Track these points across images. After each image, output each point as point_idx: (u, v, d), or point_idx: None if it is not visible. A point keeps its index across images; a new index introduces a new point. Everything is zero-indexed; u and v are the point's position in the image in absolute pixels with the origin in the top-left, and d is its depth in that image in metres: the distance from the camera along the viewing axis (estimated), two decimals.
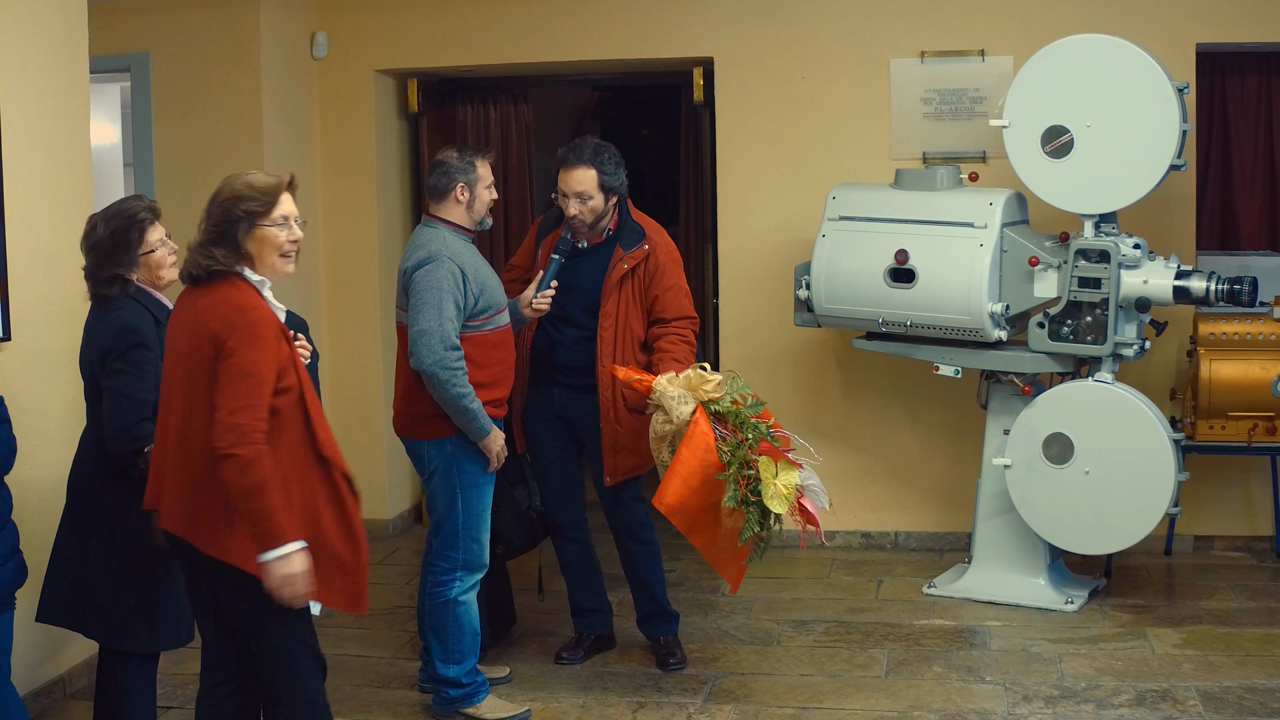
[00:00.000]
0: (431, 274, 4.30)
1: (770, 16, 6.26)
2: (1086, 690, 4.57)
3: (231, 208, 3.34)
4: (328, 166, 6.69)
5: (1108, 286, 5.13)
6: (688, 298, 4.80)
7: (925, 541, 6.32)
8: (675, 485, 4.21)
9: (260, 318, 3.27)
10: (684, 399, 4.28)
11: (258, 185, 3.37)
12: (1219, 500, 6.07)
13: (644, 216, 4.84)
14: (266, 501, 3.16)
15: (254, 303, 3.30)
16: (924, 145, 6.16)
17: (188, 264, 3.37)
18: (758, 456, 4.22)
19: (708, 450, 4.19)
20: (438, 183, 4.49)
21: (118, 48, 6.14)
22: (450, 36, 6.55)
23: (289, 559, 3.19)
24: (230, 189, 3.37)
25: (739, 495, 4.16)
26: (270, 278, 3.39)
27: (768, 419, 4.34)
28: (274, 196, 3.37)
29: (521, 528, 4.93)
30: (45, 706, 4.56)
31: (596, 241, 4.76)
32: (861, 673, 4.81)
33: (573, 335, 4.75)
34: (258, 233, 3.34)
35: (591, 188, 4.64)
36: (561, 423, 4.85)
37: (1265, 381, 5.45)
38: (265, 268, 3.37)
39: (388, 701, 4.69)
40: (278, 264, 3.39)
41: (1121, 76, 5.09)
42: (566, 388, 4.79)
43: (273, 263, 3.38)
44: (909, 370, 6.04)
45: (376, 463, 6.75)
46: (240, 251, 3.33)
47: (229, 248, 3.32)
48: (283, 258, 3.39)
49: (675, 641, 4.96)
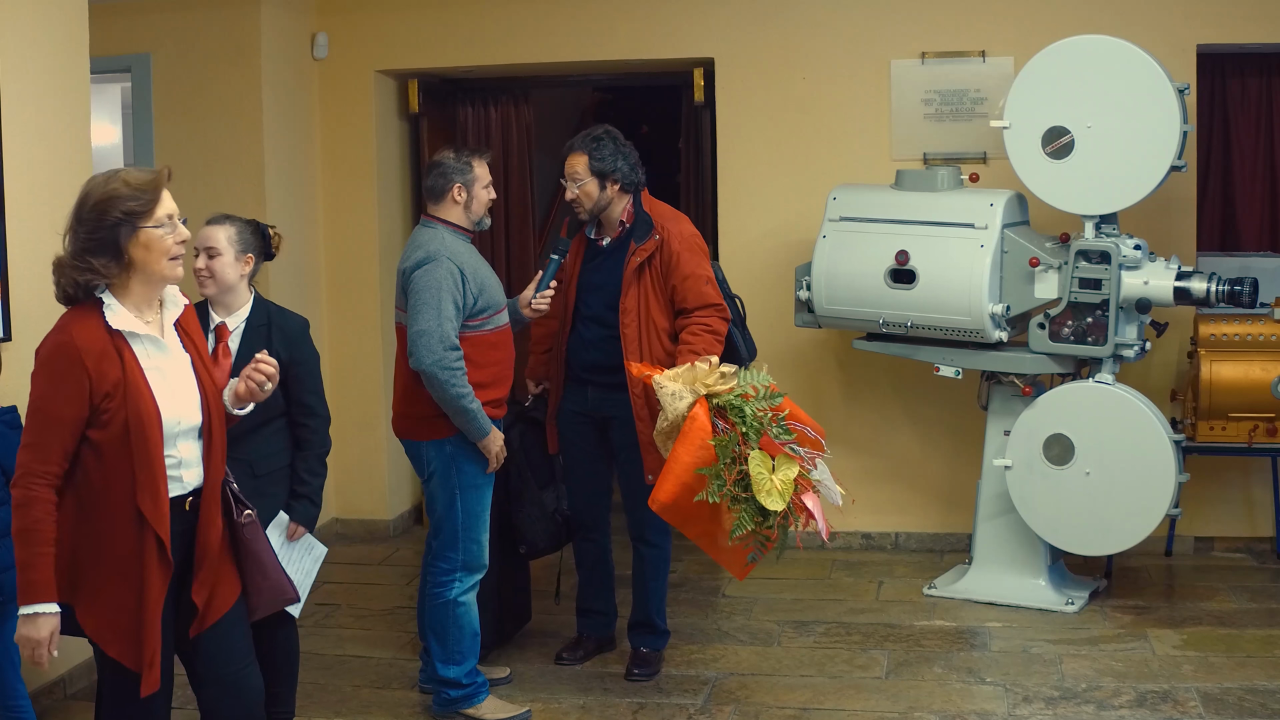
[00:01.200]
0: (430, 274, 4.30)
1: (771, 17, 6.26)
2: (1087, 691, 4.57)
3: (107, 210, 2.94)
4: (328, 167, 6.69)
5: (1108, 287, 5.13)
6: (710, 285, 4.69)
7: (926, 542, 6.32)
8: (669, 483, 4.05)
9: (57, 347, 2.96)
10: (679, 395, 4.11)
11: (134, 182, 2.98)
12: (1219, 501, 6.07)
13: (660, 206, 4.80)
14: (28, 551, 2.92)
15: (60, 330, 2.98)
16: (925, 146, 6.16)
17: (61, 283, 3.01)
18: (752, 450, 4.03)
19: (702, 446, 4.05)
20: (434, 183, 4.49)
21: (118, 48, 6.14)
22: (451, 37, 6.55)
23: (34, 620, 2.94)
24: (103, 190, 2.97)
25: (724, 491, 4.00)
26: (159, 285, 3.08)
27: (783, 410, 4.14)
28: (155, 194, 3.00)
29: (547, 530, 4.94)
30: (46, 707, 4.56)
31: (614, 237, 4.77)
32: (862, 674, 4.81)
33: (600, 334, 4.74)
34: (141, 236, 2.97)
35: (582, 171, 4.67)
36: (591, 424, 4.84)
37: (1266, 382, 5.45)
38: (153, 275, 3.03)
39: (388, 702, 4.69)
40: (166, 269, 3.03)
41: (1122, 77, 5.09)
42: (599, 387, 4.78)
43: (161, 269, 3.02)
44: (909, 371, 6.04)
45: (377, 464, 6.76)
46: (123, 259, 2.98)
47: (109, 256, 2.96)
48: (171, 261, 3.03)
49: (654, 657, 4.90)
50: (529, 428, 4.96)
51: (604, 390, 4.75)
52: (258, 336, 3.98)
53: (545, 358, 4.97)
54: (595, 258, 4.78)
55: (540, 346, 4.98)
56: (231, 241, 4.00)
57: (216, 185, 6.20)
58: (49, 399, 2.96)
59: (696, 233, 4.79)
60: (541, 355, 4.98)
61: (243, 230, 4.04)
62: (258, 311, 4.05)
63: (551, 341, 4.91)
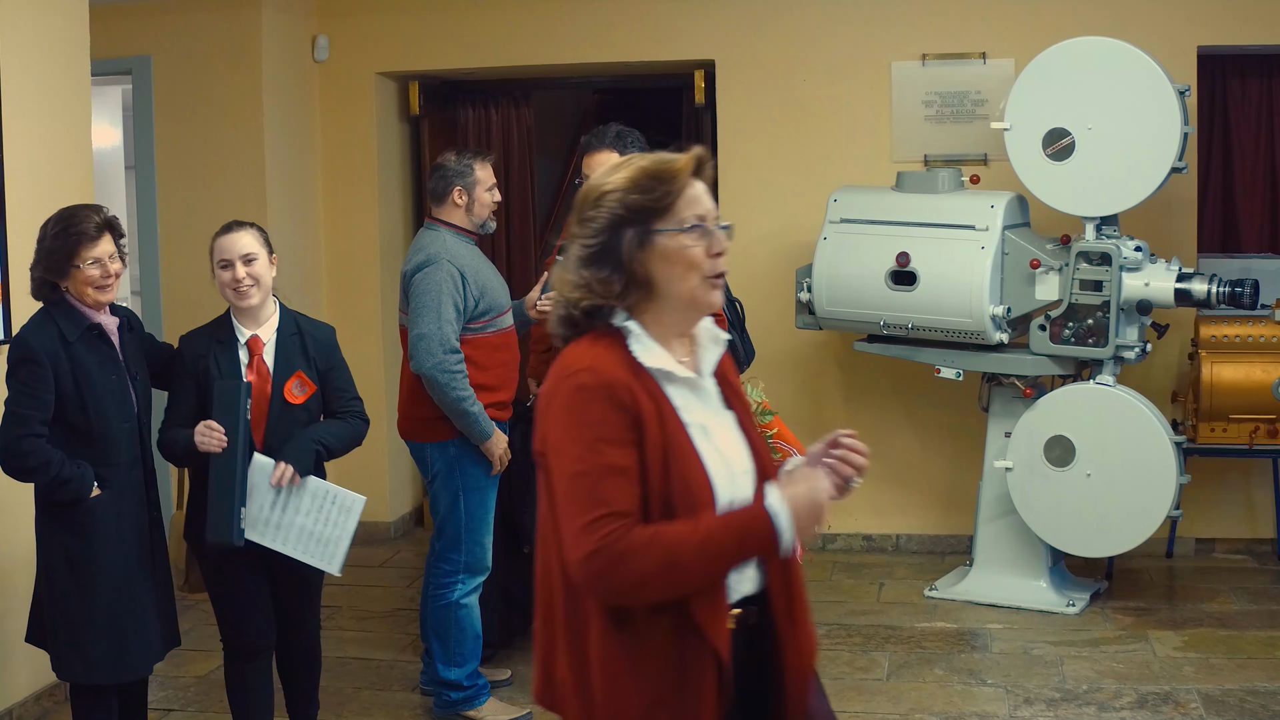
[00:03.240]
0: (430, 277, 4.30)
1: (771, 19, 6.26)
2: (1088, 693, 4.57)
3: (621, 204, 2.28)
4: (329, 169, 6.69)
5: (1109, 289, 5.13)
6: None
7: (926, 544, 6.32)
8: None
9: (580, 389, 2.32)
10: None
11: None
12: (1220, 503, 6.07)
13: None
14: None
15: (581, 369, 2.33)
16: (925, 148, 6.16)
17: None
18: None
19: None
20: (436, 186, 4.50)
21: (119, 50, 6.14)
22: (451, 39, 6.55)
23: None
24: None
25: None
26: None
27: (772, 429, 4.20)
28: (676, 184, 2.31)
29: None
30: (46, 709, 4.56)
31: None
32: (863, 675, 4.81)
33: None
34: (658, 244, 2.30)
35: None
36: None
37: (1266, 384, 5.45)
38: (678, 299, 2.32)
39: (389, 703, 4.69)
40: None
41: (1123, 79, 5.09)
42: None
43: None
44: (910, 373, 6.04)
45: (378, 465, 6.75)
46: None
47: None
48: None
49: None
50: (531, 427, 4.95)
51: None
52: (292, 347, 3.83)
53: (546, 357, 4.97)
54: None
55: (540, 346, 4.98)
56: (262, 244, 3.81)
57: (217, 188, 6.21)
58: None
59: None
60: (542, 354, 4.98)
61: (262, 232, 3.87)
62: (286, 320, 3.87)
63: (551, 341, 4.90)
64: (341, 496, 3.81)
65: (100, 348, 3.63)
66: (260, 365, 3.78)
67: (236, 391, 3.68)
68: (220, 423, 3.66)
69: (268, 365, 3.79)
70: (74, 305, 3.62)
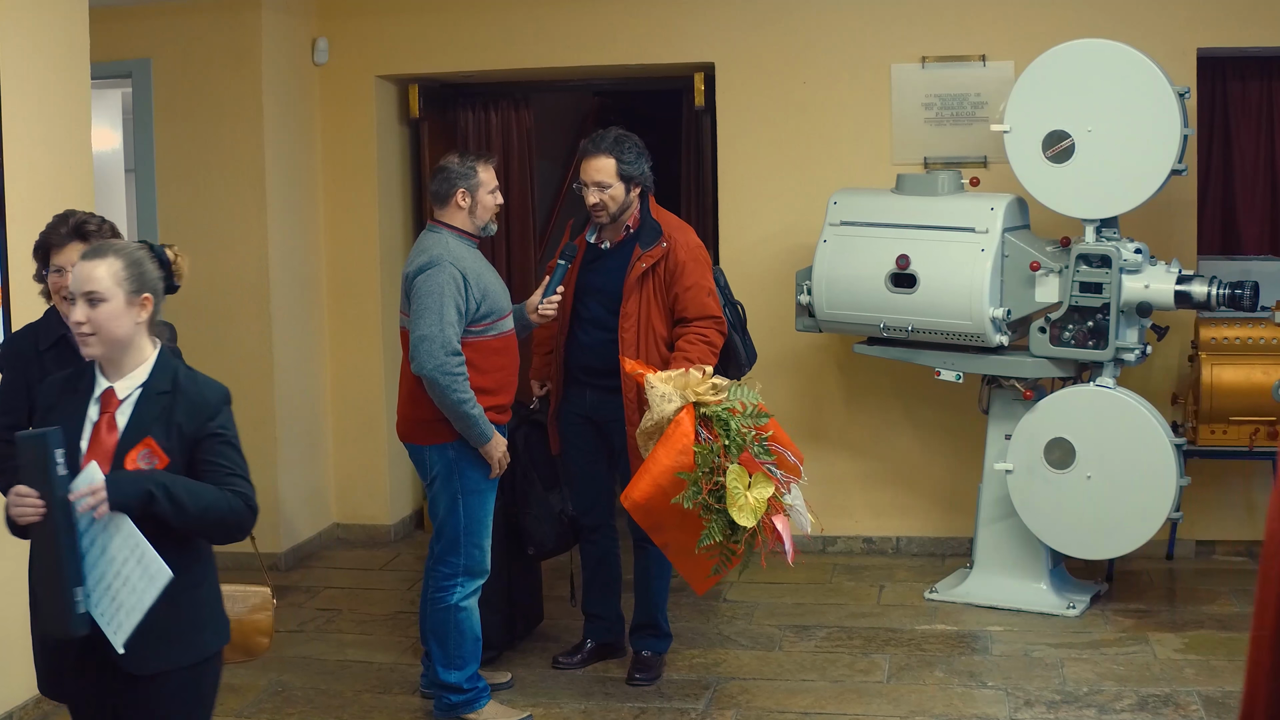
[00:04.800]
0: (432, 279, 4.30)
1: (771, 22, 6.27)
2: (1088, 695, 4.57)
3: None
4: (329, 172, 6.69)
5: (1109, 291, 5.13)
6: (711, 296, 4.72)
7: (927, 546, 6.31)
8: (644, 483, 4.09)
9: None
10: (669, 397, 4.12)
11: None
12: (1221, 505, 6.07)
13: (666, 214, 4.81)
14: None
15: None
16: (925, 150, 6.16)
17: None
18: (730, 464, 4.04)
19: (683, 451, 4.05)
20: (439, 188, 4.50)
21: (119, 53, 6.14)
22: (451, 42, 6.55)
23: None
24: None
25: (699, 498, 4.00)
26: None
27: (767, 431, 4.19)
28: None
29: (554, 532, 4.95)
30: (48, 711, 4.56)
31: (617, 241, 4.76)
32: (863, 678, 4.81)
33: (599, 337, 4.74)
34: None
35: (610, 176, 4.63)
36: (591, 425, 4.83)
37: (1267, 386, 5.45)
38: None
39: (389, 706, 4.69)
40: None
41: (1122, 81, 5.10)
42: (598, 390, 4.77)
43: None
44: (910, 375, 6.04)
45: (378, 468, 6.75)
46: None
47: None
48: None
49: (656, 660, 4.89)
50: (534, 430, 4.97)
51: (603, 393, 4.75)
52: (153, 409, 2.93)
53: (548, 358, 4.97)
54: (595, 260, 4.77)
55: (543, 348, 4.98)
56: (119, 281, 2.91)
57: (217, 191, 6.21)
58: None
59: (701, 244, 4.81)
60: (544, 356, 4.99)
61: (133, 262, 2.95)
62: (160, 375, 2.96)
63: (553, 343, 4.91)
64: (150, 560, 2.82)
65: (72, 359, 3.25)
66: (109, 425, 2.93)
67: (43, 443, 2.80)
68: (31, 485, 2.80)
69: (118, 427, 2.93)
70: (54, 312, 3.55)
